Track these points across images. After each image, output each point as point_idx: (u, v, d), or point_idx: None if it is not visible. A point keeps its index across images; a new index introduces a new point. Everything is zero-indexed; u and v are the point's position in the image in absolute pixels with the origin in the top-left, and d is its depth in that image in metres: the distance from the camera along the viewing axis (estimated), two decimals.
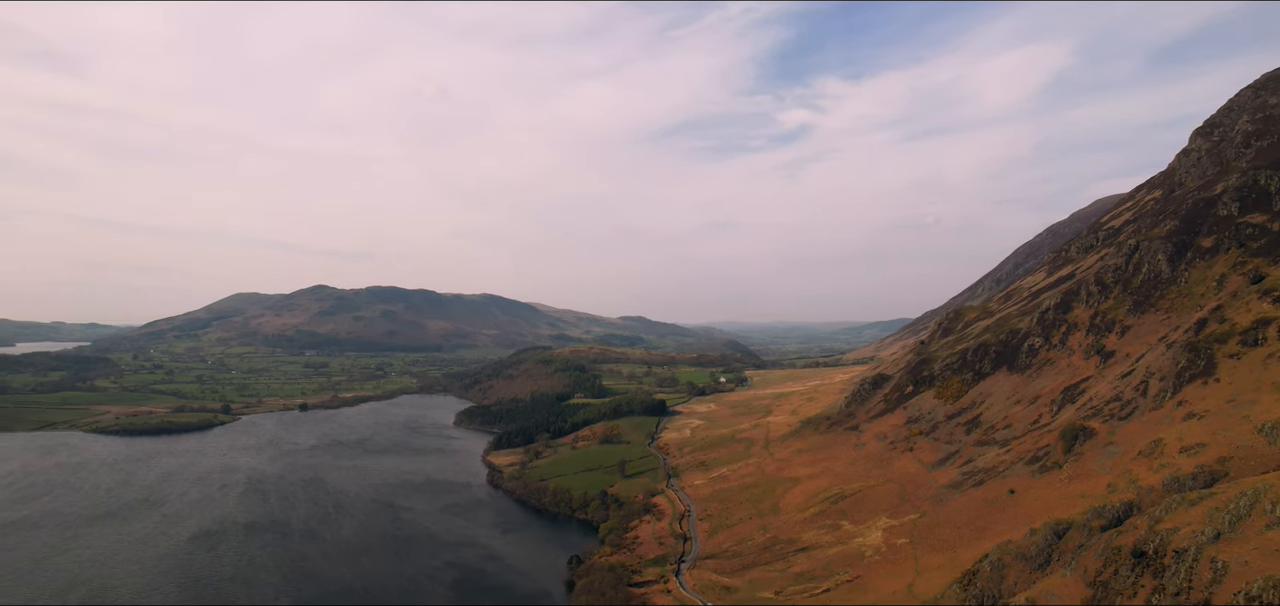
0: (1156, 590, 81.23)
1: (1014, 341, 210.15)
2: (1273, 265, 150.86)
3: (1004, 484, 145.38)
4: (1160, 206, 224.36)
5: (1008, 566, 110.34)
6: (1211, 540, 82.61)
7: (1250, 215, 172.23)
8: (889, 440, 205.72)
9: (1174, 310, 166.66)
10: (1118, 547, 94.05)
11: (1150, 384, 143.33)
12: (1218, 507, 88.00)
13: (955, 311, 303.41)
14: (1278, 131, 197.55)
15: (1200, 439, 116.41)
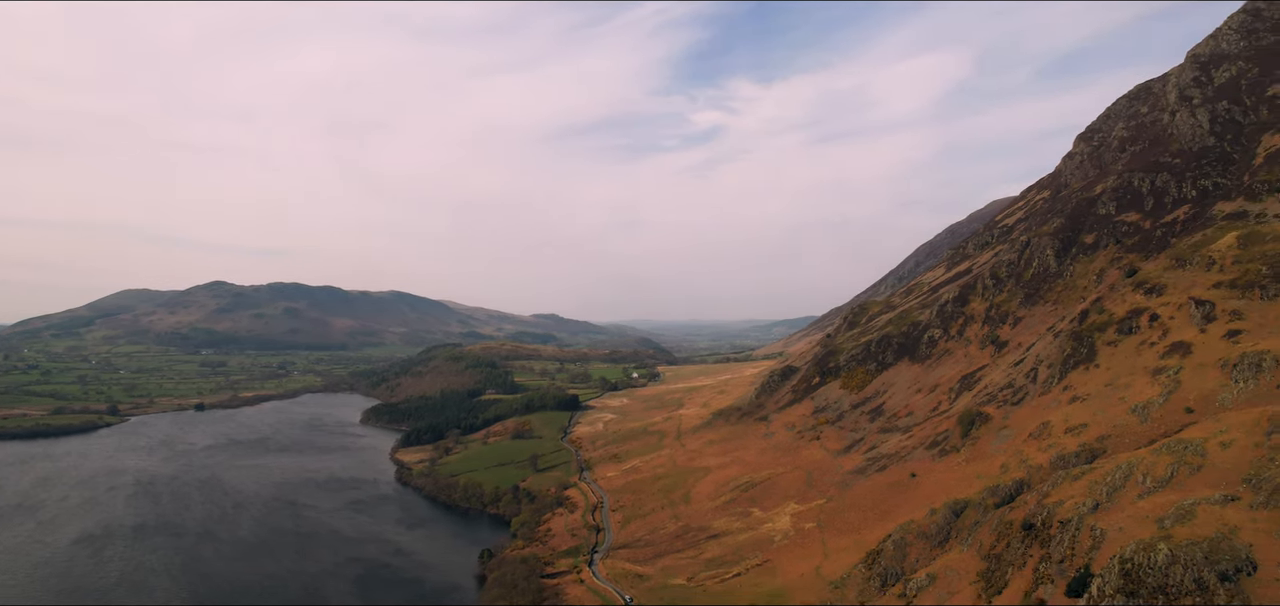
0: (1043, 559, 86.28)
1: (915, 333, 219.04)
2: (1144, 260, 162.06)
3: (906, 468, 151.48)
4: (1048, 206, 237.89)
5: (910, 545, 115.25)
6: (1091, 510, 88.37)
7: (1126, 214, 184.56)
8: (797, 429, 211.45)
9: (1060, 302, 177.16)
10: (1010, 522, 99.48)
11: (1039, 371, 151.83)
12: (1097, 481, 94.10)
13: (860, 306, 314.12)
14: (1148, 138, 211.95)
15: (1083, 420, 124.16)
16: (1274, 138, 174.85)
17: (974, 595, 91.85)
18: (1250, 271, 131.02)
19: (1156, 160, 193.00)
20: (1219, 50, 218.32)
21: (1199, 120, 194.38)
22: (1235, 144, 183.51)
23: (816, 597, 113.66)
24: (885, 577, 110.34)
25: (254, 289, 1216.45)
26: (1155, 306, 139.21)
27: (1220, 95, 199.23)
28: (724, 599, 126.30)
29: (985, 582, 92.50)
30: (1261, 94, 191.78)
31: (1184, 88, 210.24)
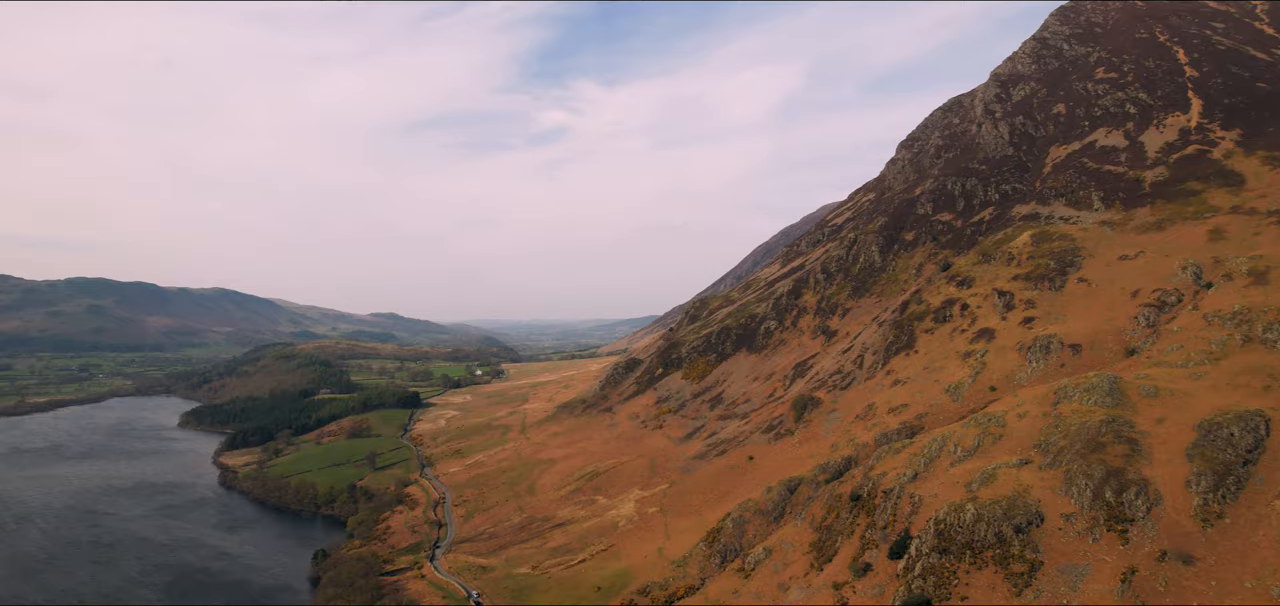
0: (869, 526, 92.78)
1: (753, 325, 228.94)
2: (957, 256, 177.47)
3: (744, 451, 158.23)
4: (874, 206, 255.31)
5: (748, 522, 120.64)
6: (911, 479, 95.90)
7: (941, 214, 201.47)
8: (641, 419, 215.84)
9: (884, 294, 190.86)
10: (839, 495, 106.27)
11: (866, 357, 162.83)
12: (916, 453, 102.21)
13: (701, 301, 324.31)
14: (960, 146, 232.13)
15: (904, 401, 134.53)
16: (1059, 149, 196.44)
17: (807, 564, 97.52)
18: (1041, 266, 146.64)
19: (966, 166, 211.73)
20: (1016, 71, 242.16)
21: (1001, 132, 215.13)
22: (1029, 154, 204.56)
23: (660, 576, 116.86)
24: (725, 554, 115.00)
25: (49, 284, 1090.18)
26: (965, 297, 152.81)
27: (1017, 111, 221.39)
28: (569, 584, 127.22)
29: (817, 552, 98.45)
30: (1049, 111, 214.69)
31: (988, 103, 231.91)
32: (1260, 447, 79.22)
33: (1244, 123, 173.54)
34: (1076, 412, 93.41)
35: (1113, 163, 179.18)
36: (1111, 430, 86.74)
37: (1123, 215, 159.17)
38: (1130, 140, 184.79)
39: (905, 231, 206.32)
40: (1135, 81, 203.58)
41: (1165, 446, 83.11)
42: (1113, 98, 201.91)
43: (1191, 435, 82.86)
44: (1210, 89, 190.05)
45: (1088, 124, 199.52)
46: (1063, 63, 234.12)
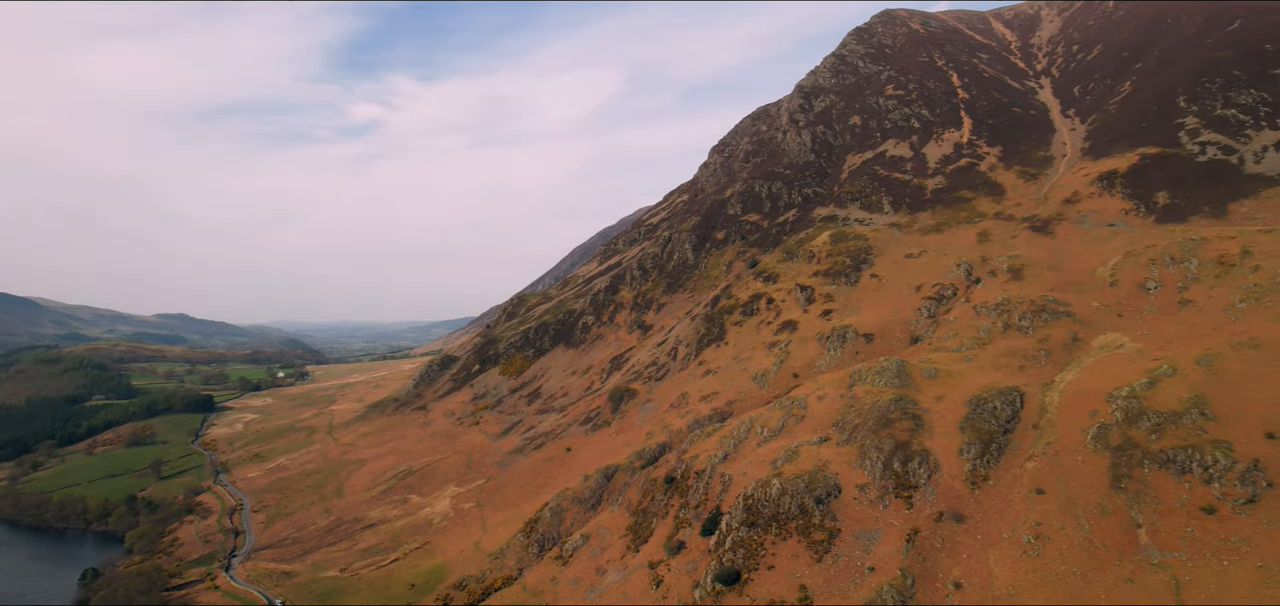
0: (683, 506, 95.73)
1: (571, 320, 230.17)
2: (763, 254, 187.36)
3: (562, 443, 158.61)
4: (688, 207, 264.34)
5: (566, 510, 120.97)
6: (721, 460, 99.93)
7: (749, 215, 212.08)
8: (457, 416, 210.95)
9: (697, 289, 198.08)
10: (654, 479, 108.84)
11: (679, 350, 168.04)
12: (726, 436, 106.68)
13: (519, 298, 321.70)
14: (767, 151, 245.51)
15: (715, 389, 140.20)
16: (855, 157, 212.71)
17: (624, 547, 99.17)
18: (838, 262, 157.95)
19: (773, 170, 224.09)
20: (817, 85, 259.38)
21: (804, 139, 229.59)
22: (828, 161, 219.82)
23: (477, 569, 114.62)
24: (543, 543, 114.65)
25: None
26: (771, 292, 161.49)
27: (818, 121, 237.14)
28: (381, 584, 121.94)
29: (634, 534, 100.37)
30: (846, 122, 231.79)
31: (792, 112, 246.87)
32: (1016, 418, 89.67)
33: (1004, 140, 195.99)
34: (869, 393, 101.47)
35: (900, 171, 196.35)
36: (899, 408, 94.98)
37: (908, 218, 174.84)
38: (915, 151, 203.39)
39: (717, 230, 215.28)
40: (919, 99, 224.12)
41: (943, 420, 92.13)
42: (900, 112, 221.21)
43: (964, 410, 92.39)
44: (978, 110, 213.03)
45: (879, 135, 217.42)
46: (859, 79, 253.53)
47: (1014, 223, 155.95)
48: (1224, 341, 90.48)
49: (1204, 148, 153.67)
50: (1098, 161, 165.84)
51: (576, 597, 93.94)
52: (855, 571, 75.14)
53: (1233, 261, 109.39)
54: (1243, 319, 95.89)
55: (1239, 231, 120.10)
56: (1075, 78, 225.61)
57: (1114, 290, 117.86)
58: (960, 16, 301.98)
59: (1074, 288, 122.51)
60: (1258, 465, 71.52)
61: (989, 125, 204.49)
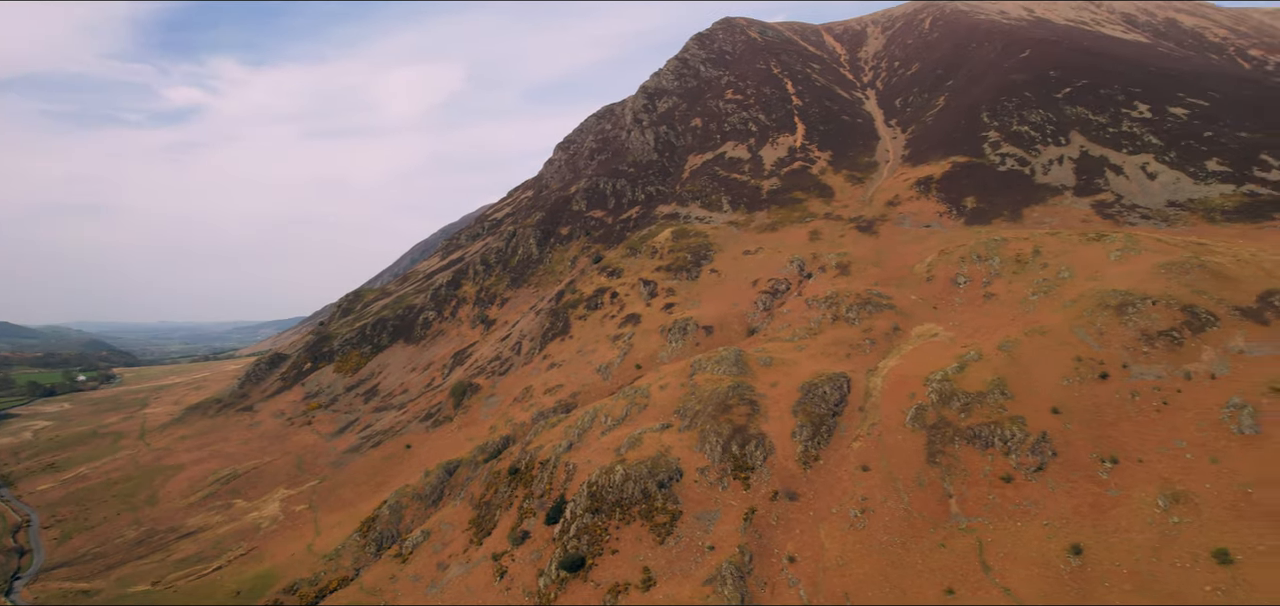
0: (527, 497, 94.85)
1: (411, 316, 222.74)
2: (608, 249, 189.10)
3: (401, 441, 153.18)
4: (532, 202, 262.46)
5: (405, 507, 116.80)
6: (566, 449, 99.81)
7: (594, 211, 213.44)
8: (287, 416, 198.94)
9: (541, 284, 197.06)
10: (498, 472, 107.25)
11: (523, 344, 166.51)
12: (570, 426, 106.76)
13: (356, 294, 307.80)
14: (612, 149, 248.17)
15: (559, 382, 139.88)
16: (697, 157, 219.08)
17: (467, 541, 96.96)
18: (680, 258, 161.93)
19: (617, 168, 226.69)
20: (661, 86, 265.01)
21: (647, 139, 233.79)
22: (671, 160, 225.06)
23: (309, 571, 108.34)
24: (381, 541, 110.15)
25: None
26: (615, 286, 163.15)
27: (661, 121, 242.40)
28: (201, 594, 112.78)
29: (476, 528, 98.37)
30: (688, 123, 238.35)
31: (637, 112, 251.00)
32: (844, 402, 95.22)
33: (833, 146, 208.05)
34: (709, 381, 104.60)
35: (738, 172, 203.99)
36: (737, 394, 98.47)
37: (746, 217, 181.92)
38: (752, 154, 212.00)
39: (562, 226, 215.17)
40: (756, 104, 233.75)
41: (777, 405, 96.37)
42: (739, 116, 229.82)
43: (797, 395, 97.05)
44: (810, 117, 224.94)
45: (719, 137, 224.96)
46: (700, 82, 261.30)
47: (842, 222, 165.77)
48: (1019, 329, 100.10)
49: (1004, 159, 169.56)
50: (916, 168, 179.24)
51: (417, 594, 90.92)
52: (696, 551, 77.18)
53: (1026, 259, 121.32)
54: (1034, 309, 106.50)
55: (1031, 233, 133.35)
56: (897, 91, 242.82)
57: (930, 285, 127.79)
58: (795, 28, 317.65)
59: (895, 283, 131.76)
60: (1045, 437, 79.83)
61: (820, 131, 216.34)
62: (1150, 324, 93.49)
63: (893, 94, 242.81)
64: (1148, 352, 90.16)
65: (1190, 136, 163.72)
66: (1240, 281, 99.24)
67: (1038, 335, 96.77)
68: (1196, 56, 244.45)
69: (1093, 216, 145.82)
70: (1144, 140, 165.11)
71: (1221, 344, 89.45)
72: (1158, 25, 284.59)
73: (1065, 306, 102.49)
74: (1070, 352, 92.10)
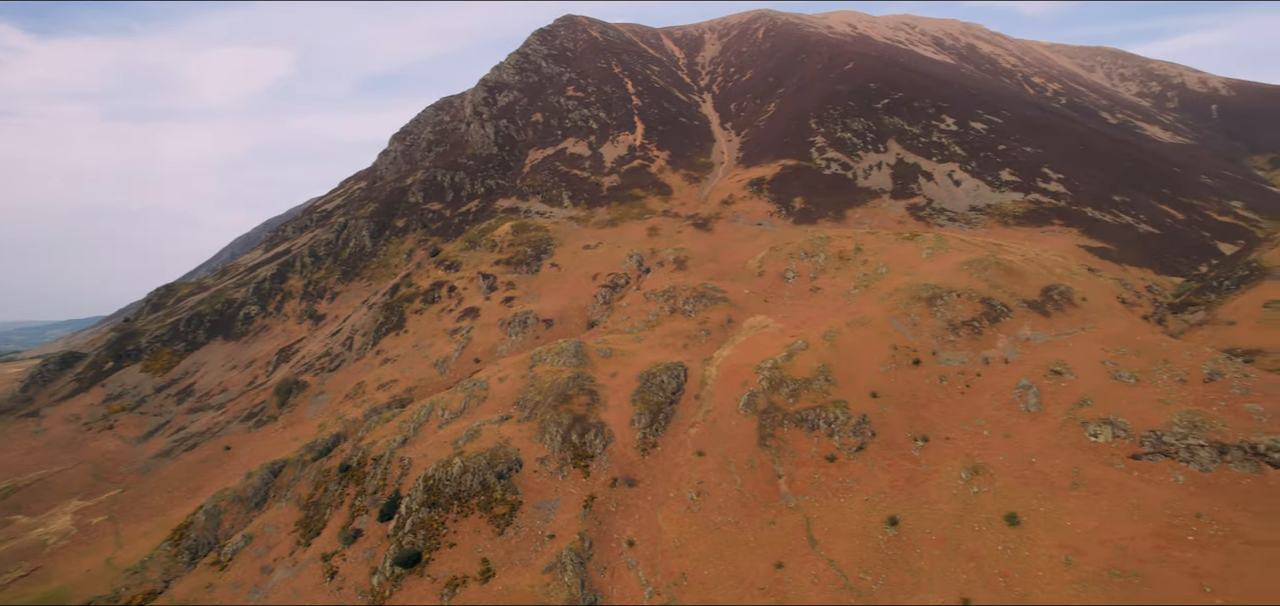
0: (360, 494, 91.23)
1: (230, 311, 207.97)
2: (446, 242, 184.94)
3: (220, 443, 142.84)
4: (366, 193, 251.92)
5: (224, 511, 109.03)
6: (401, 444, 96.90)
7: (431, 203, 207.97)
8: (83, 420, 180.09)
9: (375, 278, 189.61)
10: (327, 470, 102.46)
11: (355, 339, 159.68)
12: (406, 420, 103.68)
13: (168, 288, 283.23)
14: (450, 142, 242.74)
15: (393, 377, 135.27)
16: (537, 152, 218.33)
17: (293, 542, 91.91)
18: (520, 252, 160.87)
19: (456, 161, 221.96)
20: (502, 80, 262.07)
21: (487, 132, 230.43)
22: (511, 154, 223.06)
23: (108, 587, 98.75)
24: (196, 549, 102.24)
25: None
26: (453, 280, 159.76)
27: (502, 115, 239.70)
28: None
29: (304, 528, 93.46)
30: (529, 118, 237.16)
31: (476, 105, 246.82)
32: (681, 390, 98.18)
33: (671, 146, 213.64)
34: (549, 372, 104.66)
35: (579, 168, 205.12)
36: (577, 384, 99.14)
37: (586, 212, 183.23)
38: (593, 151, 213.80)
39: (397, 218, 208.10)
40: (597, 102, 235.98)
41: (616, 395, 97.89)
42: (580, 113, 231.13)
43: (636, 384, 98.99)
44: (649, 117, 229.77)
45: (560, 133, 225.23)
46: (541, 78, 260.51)
47: (680, 220, 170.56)
48: (842, 321, 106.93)
49: (829, 163, 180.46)
50: (749, 169, 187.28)
51: (237, 601, 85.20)
52: (536, 540, 77.07)
53: (849, 256, 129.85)
54: (855, 302, 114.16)
55: (853, 232, 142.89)
56: (732, 96, 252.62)
57: (761, 279, 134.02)
58: (636, 30, 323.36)
59: (729, 277, 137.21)
60: (865, 419, 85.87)
61: (659, 131, 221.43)
62: (956, 315, 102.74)
63: (728, 98, 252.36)
64: (954, 340, 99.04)
65: (988, 149, 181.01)
66: (1028, 277, 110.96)
67: (859, 325, 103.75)
68: (992, 79, 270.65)
69: (907, 218, 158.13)
70: (951, 151, 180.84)
71: (1013, 332, 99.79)
72: (961, 49, 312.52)
73: (883, 299, 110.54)
74: (888, 341, 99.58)
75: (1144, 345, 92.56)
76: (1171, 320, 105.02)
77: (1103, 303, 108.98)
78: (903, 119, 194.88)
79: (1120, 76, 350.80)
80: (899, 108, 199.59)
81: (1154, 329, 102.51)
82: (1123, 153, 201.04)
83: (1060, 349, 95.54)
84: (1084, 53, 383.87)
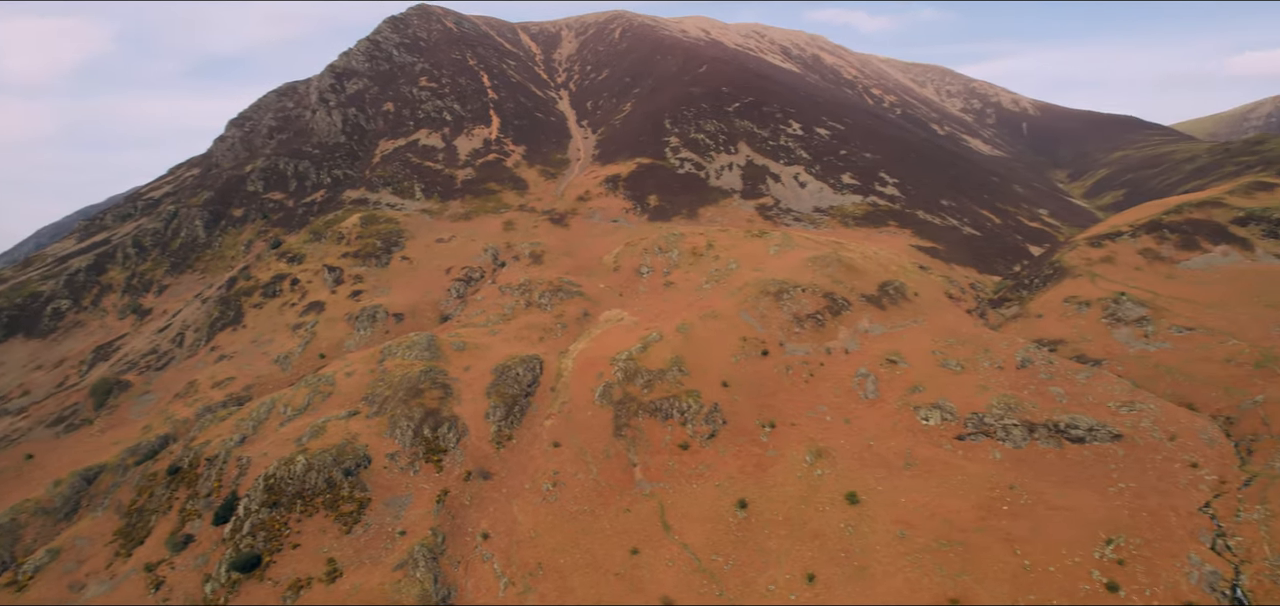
0: (191, 497, 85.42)
1: (35, 305, 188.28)
2: (288, 234, 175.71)
3: (20, 450, 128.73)
4: (199, 181, 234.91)
5: (25, 526, 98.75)
6: (238, 443, 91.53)
7: (273, 193, 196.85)
8: None
9: (209, 270, 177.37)
10: (154, 474, 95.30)
11: (186, 335, 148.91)
12: (243, 418, 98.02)
13: None
14: (294, 129, 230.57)
15: (230, 374, 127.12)
16: (388, 143, 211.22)
17: (111, 554, 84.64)
18: (369, 245, 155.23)
19: (300, 149, 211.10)
20: (350, 67, 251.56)
21: (334, 120, 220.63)
22: (361, 144, 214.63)
23: None
24: None
25: None
26: (296, 272, 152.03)
27: (351, 103, 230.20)
28: None
29: (125, 538, 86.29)
30: (380, 108, 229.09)
31: (323, 92, 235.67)
32: (536, 383, 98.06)
33: (528, 141, 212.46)
34: (400, 366, 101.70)
35: (432, 160, 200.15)
36: (429, 378, 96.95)
37: (439, 205, 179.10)
38: (447, 143, 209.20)
39: (234, 207, 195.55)
40: (452, 94, 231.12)
41: (470, 388, 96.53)
42: (433, 105, 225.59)
43: (490, 377, 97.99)
44: (505, 111, 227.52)
45: (413, 124, 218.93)
46: (393, 66, 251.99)
47: (536, 215, 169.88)
48: (695, 314, 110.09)
49: (683, 163, 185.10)
50: (605, 166, 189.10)
51: None
52: (386, 537, 74.81)
53: (701, 252, 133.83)
54: (707, 296, 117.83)
55: (706, 230, 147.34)
56: (588, 94, 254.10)
57: (617, 274, 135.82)
58: (492, 23, 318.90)
59: (585, 272, 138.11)
60: (717, 407, 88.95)
61: (515, 126, 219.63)
62: (801, 308, 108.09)
63: (584, 96, 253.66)
64: (799, 332, 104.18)
65: (831, 154, 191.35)
66: (866, 274, 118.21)
67: (711, 319, 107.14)
68: (836, 89, 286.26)
69: (756, 217, 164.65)
70: (797, 154, 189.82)
71: (853, 325, 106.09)
72: (807, 59, 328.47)
73: (734, 293, 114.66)
74: (738, 333, 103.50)
75: (968, 337, 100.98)
76: (991, 314, 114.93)
77: (932, 298, 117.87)
78: (753, 122, 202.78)
79: (948, 93, 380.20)
80: (750, 111, 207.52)
81: (976, 322, 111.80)
82: (950, 162, 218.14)
83: (895, 340, 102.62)
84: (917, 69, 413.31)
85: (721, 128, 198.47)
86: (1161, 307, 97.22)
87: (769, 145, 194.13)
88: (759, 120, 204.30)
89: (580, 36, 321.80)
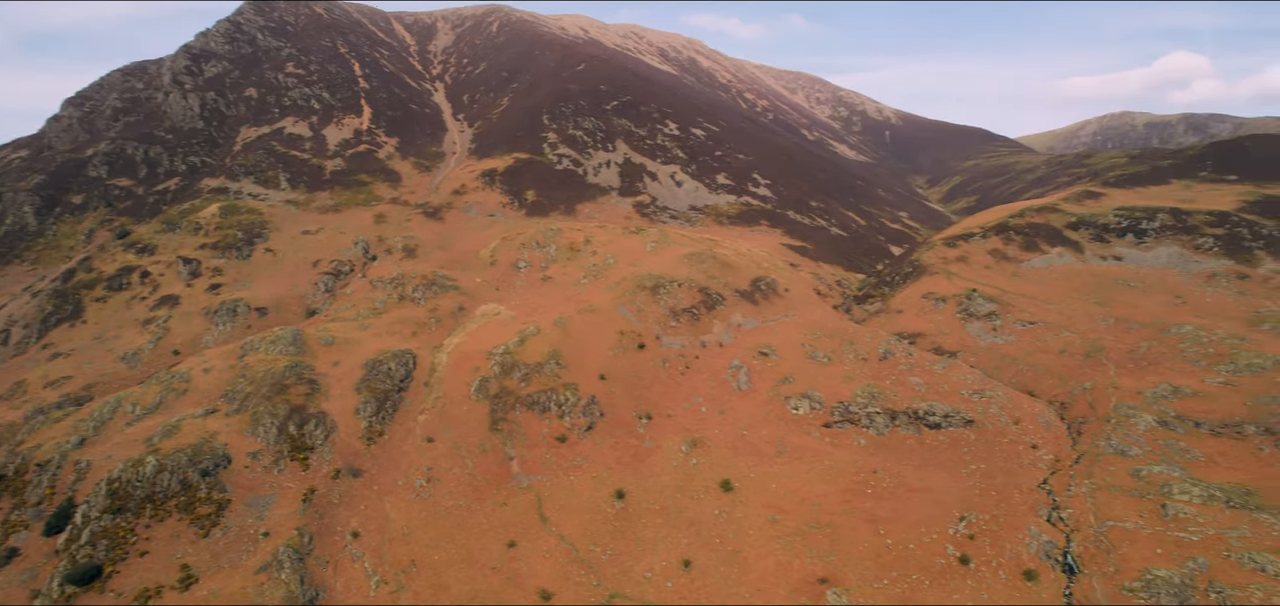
0: (17, 506, 77.92)
1: None
2: (137, 223, 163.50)
3: None
4: (29, 164, 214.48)
5: None
6: (76, 446, 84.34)
7: (119, 179, 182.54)
8: None
9: (41, 261, 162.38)
10: None
11: (13, 332, 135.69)
12: (83, 419, 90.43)
13: None
14: (144, 111, 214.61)
15: (66, 373, 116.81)
16: (251, 130, 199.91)
17: None
18: (229, 236, 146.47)
19: (151, 133, 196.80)
20: (209, 48, 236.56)
21: (191, 104, 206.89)
22: (220, 131, 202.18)
23: None
24: None
25: None
26: (147, 264, 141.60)
27: (209, 87, 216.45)
28: None
29: None
30: (242, 93, 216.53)
31: (178, 74, 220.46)
32: (409, 378, 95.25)
33: (402, 133, 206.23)
34: (263, 362, 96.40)
35: (299, 150, 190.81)
36: (295, 374, 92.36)
37: (307, 196, 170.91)
38: (315, 132, 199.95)
39: (72, 194, 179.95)
40: (321, 82, 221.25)
41: (340, 384, 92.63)
42: (301, 92, 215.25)
43: (360, 372, 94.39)
44: (378, 101, 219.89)
45: (278, 111, 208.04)
46: (257, 51, 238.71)
47: (409, 208, 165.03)
48: (573, 308, 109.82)
49: (561, 159, 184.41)
50: (482, 161, 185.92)
51: None
52: (248, 538, 70.65)
53: (579, 247, 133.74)
54: (585, 290, 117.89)
55: (583, 226, 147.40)
56: (465, 87, 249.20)
57: (493, 268, 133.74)
58: (364, 11, 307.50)
59: (461, 266, 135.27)
60: (594, 400, 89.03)
61: (388, 117, 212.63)
62: (677, 303, 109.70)
63: (461, 89, 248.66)
64: (675, 326, 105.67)
65: (706, 154, 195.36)
66: (740, 270, 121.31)
67: (589, 313, 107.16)
68: (711, 92, 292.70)
69: (634, 214, 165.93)
70: (674, 154, 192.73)
71: (727, 319, 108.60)
72: (683, 62, 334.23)
73: (611, 288, 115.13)
74: (615, 327, 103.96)
75: (835, 330, 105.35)
76: (856, 309, 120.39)
77: (802, 293, 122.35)
78: (631, 121, 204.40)
79: (817, 100, 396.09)
80: (628, 110, 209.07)
81: (843, 316, 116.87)
82: (819, 166, 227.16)
83: (767, 333, 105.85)
84: (788, 76, 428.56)
85: (600, 125, 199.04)
86: (1008, 303, 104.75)
87: (647, 144, 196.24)
88: (637, 119, 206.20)
89: (457, 29, 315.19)
